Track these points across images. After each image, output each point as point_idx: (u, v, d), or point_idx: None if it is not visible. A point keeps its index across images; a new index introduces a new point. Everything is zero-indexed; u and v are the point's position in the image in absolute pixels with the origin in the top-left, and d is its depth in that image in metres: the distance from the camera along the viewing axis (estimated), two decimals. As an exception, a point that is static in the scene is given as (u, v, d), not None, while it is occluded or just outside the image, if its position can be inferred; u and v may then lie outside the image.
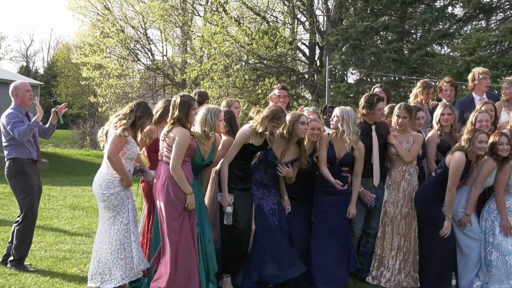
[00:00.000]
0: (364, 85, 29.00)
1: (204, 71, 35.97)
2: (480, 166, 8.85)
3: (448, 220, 8.80)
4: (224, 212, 8.19)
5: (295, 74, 37.85)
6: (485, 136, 8.72)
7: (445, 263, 8.84)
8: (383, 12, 31.04)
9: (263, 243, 8.49)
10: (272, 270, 8.40)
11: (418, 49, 28.50)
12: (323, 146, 8.87)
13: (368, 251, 9.41)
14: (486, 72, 11.11)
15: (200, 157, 8.18)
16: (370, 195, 9.10)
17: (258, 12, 38.39)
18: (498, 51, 27.92)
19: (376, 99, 9.16)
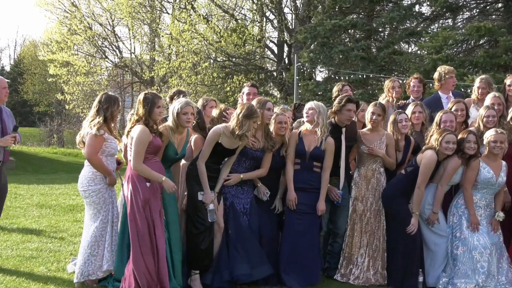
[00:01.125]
0: (332, 83, 28.97)
1: (173, 69, 35.91)
2: (445, 164, 8.93)
3: (415, 217, 8.86)
4: (207, 209, 8.17)
5: (263, 72, 37.87)
6: (453, 137, 8.80)
7: (412, 260, 8.88)
8: (351, 10, 31.14)
9: (235, 241, 8.49)
10: (244, 270, 8.40)
11: (385, 47, 28.64)
12: (292, 143, 8.88)
13: (336, 250, 9.43)
14: (452, 71, 11.18)
15: (173, 150, 8.18)
16: (336, 191, 9.12)
17: (226, 10, 38.37)
18: (464, 50, 28.17)
19: (345, 100, 9.19)
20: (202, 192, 8.22)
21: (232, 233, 8.52)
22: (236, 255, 8.43)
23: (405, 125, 9.30)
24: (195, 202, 8.25)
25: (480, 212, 8.97)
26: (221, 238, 8.52)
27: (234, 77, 35.02)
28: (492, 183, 8.89)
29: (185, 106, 8.09)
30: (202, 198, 8.21)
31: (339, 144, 9.11)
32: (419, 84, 11.18)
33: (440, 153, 8.80)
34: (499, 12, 29.22)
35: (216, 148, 8.25)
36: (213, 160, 8.34)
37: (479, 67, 24.68)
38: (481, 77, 10.93)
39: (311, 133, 8.85)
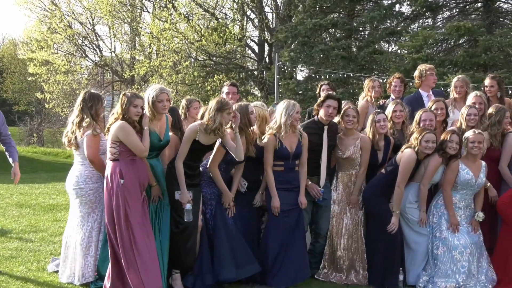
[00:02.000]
0: (313, 82, 29.09)
1: (153, 68, 35.82)
2: (426, 163, 8.97)
3: (395, 216, 8.90)
4: (184, 209, 8.15)
5: (244, 71, 37.85)
6: (432, 136, 8.83)
7: (392, 259, 8.91)
8: (332, 10, 31.18)
9: (223, 242, 8.49)
10: (228, 274, 8.43)
11: (366, 47, 28.72)
12: (270, 148, 8.83)
13: (317, 250, 9.44)
14: (432, 68, 11.23)
15: (155, 137, 8.14)
16: (318, 189, 9.11)
17: (207, 9, 38.29)
18: (444, 49, 28.32)
19: (325, 96, 9.23)
20: (179, 192, 8.19)
21: (221, 233, 8.52)
22: (224, 256, 8.43)
23: (383, 125, 9.30)
24: (175, 202, 8.25)
25: (460, 213, 9.02)
26: (201, 239, 8.50)
27: (215, 76, 34.95)
28: (472, 184, 8.93)
29: (160, 93, 8.08)
30: (179, 197, 8.19)
31: (320, 141, 9.14)
32: (400, 84, 11.21)
33: (419, 152, 8.84)
34: (478, 12, 29.38)
35: (194, 146, 8.20)
36: (192, 158, 8.30)
37: (458, 66, 24.83)
38: (458, 77, 11.01)
39: (288, 134, 8.85)
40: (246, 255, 8.56)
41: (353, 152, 9.23)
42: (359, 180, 9.31)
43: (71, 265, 8.28)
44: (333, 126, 9.32)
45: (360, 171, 9.30)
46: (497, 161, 9.46)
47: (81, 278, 8.17)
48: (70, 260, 8.30)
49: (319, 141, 9.12)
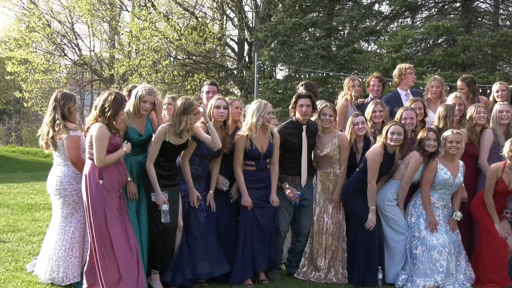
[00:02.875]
0: (292, 81, 29.12)
1: (133, 67, 35.66)
2: (407, 161, 9.01)
3: (372, 212, 8.94)
4: (161, 210, 8.13)
5: (224, 70, 37.76)
6: (399, 128, 8.90)
7: (371, 257, 8.94)
8: (311, 9, 31.23)
9: (196, 238, 8.50)
10: (205, 268, 8.46)
11: (345, 46, 28.79)
12: (240, 147, 8.88)
13: (298, 250, 9.49)
14: (412, 67, 11.32)
15: (135, 133, 8.17)
16: (295, 192, 9.16)
17: (187, 8, 38.18)
18: (423, 48, 28.47)
19: (296, 96, 9.31)
20: (154, 193, 8.18)
21: (194, 230, 8.53)
22: (198, 252, 8.44)
23: (361, 128, 9.33)
24: (151, 203, 8.24)
25: (438, 212, 9.07)
26: (181, 236, 8.50)
27: (194, 75, 34.84)
28: (450, 184, 8.99)
29: (146, 94, 8.11)
30: (155, 199, 8.18)
31: (299, 141, 9.15)
32: (379, 83, 11.26)
33: (388, 146, 8.89)
34: (457, 12, 29.55)
35: (166, 147, 8.19)
36: (166, 159, 8.30)
37: (437, 65, 24.97)
38: (434, 77, 11.11)
39: (259, 134, 8.86)
40: (217, 254, 8.61)
41: (330, 150, 9.26)
42: (341, 179, 9.33)
43: (53, 266, 8.21)
44: (312, 126, 9.35)
45: (341, 169, 9.33)
46: (475, 157, 9.54)
47: (65, 279, 8.13)
48: (53, 260, 8.23)
49: (299, 141, 9.16)
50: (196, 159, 8.64)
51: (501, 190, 9.03)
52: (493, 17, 29.37)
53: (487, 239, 9.13)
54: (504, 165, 8.98)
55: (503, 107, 9.65)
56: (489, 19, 29.34)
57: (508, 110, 9.64)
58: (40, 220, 12.87)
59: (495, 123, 9.67)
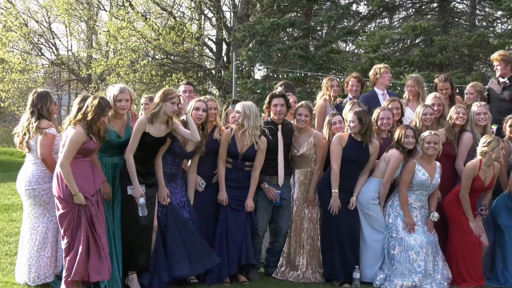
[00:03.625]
0: (270, 81, 29.16)
1: (110, 67, 35.50)
2: (387, 159, 9.05)
3: (334, 196, 8.97)
4: (138, 204, 8.07)
5: (202, 70, 37.74)
6: (352, 116, 9.01)
7: (347, 255, 9.00)
8: (289, 9, 31.29)
9: (175, 238, 8.46)
10: (183, 270, 8.43)
11: (323, 46, 28.84)
12: (224, 143, 8.91)
13: (276, 250, 9.49)
14: (387, 67, 11.33)
15: (114, 135, 8.13)
16: (274, 191, 9.17)
17: (164, 8, 38.12)
18: (401, 49, 28.61)
19: (269, 96, 9.32)
20: (131, 186, 8.12)
21: (173, 230, 8.49)
22: (176, 253, 8.41)
23: (338, 127, 9.38)
24: (128, 200, 8.20)
25: (415, 213, 9.11)
26: (156, 237, 8.46)
27: (172, 75, 34.75)
28: (427, 185, 9.03)
29: (119, 93, 8.10)
30: (132, 192, 8.12)
31: (275, 141, 9.17)
32: (357, 83, 11.30)
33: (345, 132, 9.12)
34: (434, 12, 29.71)
35: (146, 139, 8.14)
36: (144, 154, 8.25)
37: (415, 65, 25.10)
38: (411, 76, 11.13)
39: (243, 134, 8.88)
40: (202, 250, 8.57)
41: (307, 149, 9.29)
42: (315, 177, 9.36)
43: (26, 267, 8.18)
44: (287, 125, 9.38)
45: (316, 168, 9.36)
46: (453, 157, 9.59)
47: (36, 280, 8.08)
48: (25, 260, 8.20)
49: (275, 141, 9.15)
50: (169, 157, 8.60)
51: (478, 187, 9.10)
52: (469, 17, 29.54)
53: (461, 238, 9.19)
54: (480, 163, 9.05)
55: (480, 109, 9.67)
56: (466, 20, 29.51)
57: (485, 112, 9.67)
58: (17, 221, 12.78)
59: (473, 125, 9.72)
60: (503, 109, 10.25)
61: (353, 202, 9.08)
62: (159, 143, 8.32)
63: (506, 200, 9.34)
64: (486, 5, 29.78)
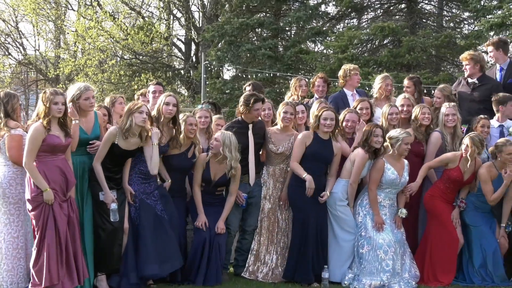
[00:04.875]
0: (239, 81, 29.12)
1: (78, 67, 35.28)
2: (352, 159, 9.10)
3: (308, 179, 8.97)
4: (110, 209, 8.11)
5: (171, 70, 37.61)
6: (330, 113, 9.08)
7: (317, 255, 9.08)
8: (258, 9, 31.26)
9: (146, 238, 8.46)
10: (152, 270, 8.43)
11: (292, 46, 28.84)
12: (199, 168, 8.96)
13: (244, 248, 9.52)
14: (356, 68, 11.41)
15: (81, 131, 8.10)
16: (241, 194, 9.22)
17: (133, 7, 37.94)
18: (369, 49, 28.67)
19: (254, 100, 9.27)
20: (102, 193, 8.15)
21: (145, 229, 8.48)
22: (145, 253, 8.40)
23: (301, 117, 9.64)
24: (99, 203, 8.18)
25: (385, 211, 9.19)
26: (127, 239, 8.45)
27: (141, 75, 34.62)
28: (396, 184, 9.12)
29: (85, 91, 8.09)
30: (103, 198, 8.14)
31: (246, 140, 9.18)
32: (323, 84, 11.39)
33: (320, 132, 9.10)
34: (402, 13, 29.84)
35: (114, 150, 8.17)
36: (113, 162, 8.28)
37: (383, 66, 25.17)
38: (386, 75, 11.20)
39: (219, 161, 8.90)
40: (172, 250, 8.57)
41: (286, 149, 9.36)
42: (289, 176, 9.38)
43: None
44: (258, 124, 9.41)
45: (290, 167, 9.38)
46: (421, 156, 9.66)
47: (9, 286, 7.96)
48: None
49: (245, 140, 9.17)
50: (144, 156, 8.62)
51: (457, 178, 9.25)
52: (437, 18, 29.72)
53: (440, 232, 9.31)
54: (461, 157, 9.15)
55: (449, 111, 9.76)
56: (434, 21, 29.68)
57: (454, 114, 9.76)
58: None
59: (442, 126, 9.80)
60: (472, 109, 10.37)
61: (324, 195, 9.12)
62: (127, 155, 8.36)
63: (474, 200, 9.44)
64: (453, 6, 29.96)
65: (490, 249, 9.30)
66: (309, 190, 8.97)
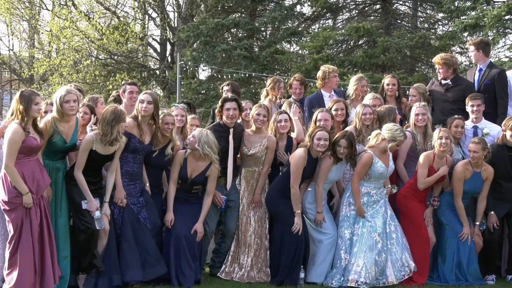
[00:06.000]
0: (215, 81, 29.11)
1: (53, 67, 35.09)
2: (320, 163, 9.14)
3: (298, 216, 9.01)
4: (94, 218, 8.10)
5: (146, 70, 37.50)
6: (325, 134, 8.99)
7: (297, 258, 9.01)
8: (234, 10, 31.28)
9: (130, 241, 8.45)
10: (135, 276, 8.42)
11: (268, 47, 28.88)
12: (176, 164, 8.93)
13: (222, 251, 9.53)
14: (335, 70, 11.42)
15: (61, 140, 8.04)
16: (220, 196, 9.21)
17: (108, 7, 37.77)
18: (344, 50, 28.83)
19: (222, 100, 9.34)
20: (85, 201, 8.13)
21: (128, 234, 8.46)
22: (129, 258, 8.39)
23: (284, 126, 9.44)
24: (79, 209, 8.16)
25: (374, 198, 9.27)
26: (110, 240, 8.41)
27: (116, 75, 34.51)
28: (385, 175, 9.27)
29: (66, 94, 8.00)
30: (87, 206, 8.12)
31: (226, 144, 9.19)
32: (300, 86, 11.43)
33: (313, 150, 8.99)
34: (377, 14, 30.04)
35: (92, 156, 8.15)
36: (91, 168, 8.27)
37: (358, 66, 25.36)
38: (361, 76, 11.25)
39: (196, 158, 8.89)
40: (154, 256, 8.57)
41: (258, 151, 9.34)
42: (262, 179, 9.42)
43: None
44: (238, 129, 9.41)
45: (264, 170, 9.41)
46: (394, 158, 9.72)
47: None
48: None
49: (226, 144, 9.18)
50: (129, 155, 8.63)
51: None
52: (411, 19, 29.96)
53: (412, 232, 9.37)
54: (434, 155, 9.23)
55: (419, 110, 9.85)
56: (408, 21, 29.92)
57: (424, 113, 9.84)
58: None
59: (412, 125, 9.88)
60: (446, 110, 10.46)
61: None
62: (106, 160, 8.35)
63: (449, 198, 9.52)
64: (427, 7, 30.21)
65: (465, 248, 9.39)
66: (297, 226, 9.01)
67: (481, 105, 10.18)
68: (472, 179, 9.36)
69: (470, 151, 9.33)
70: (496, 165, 9.51)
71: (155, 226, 8.84)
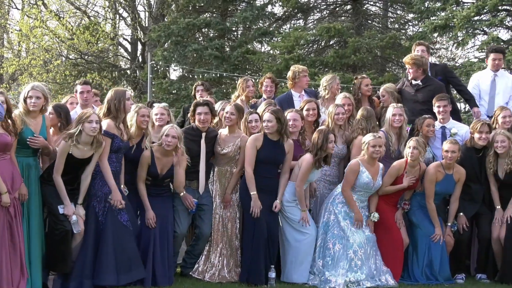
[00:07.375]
0: (186, 81, 29.07)
1: (23, 66, 34.83)
2: (300, 163, 9.14)
3: (254, 198, 9.03)
4: (71, 222, 8.09)
5: (117, 70, 37.32)
6: (269, 116, 9.07)
7: (265, 256, 9.04)
8: (205, 9, 31.24)
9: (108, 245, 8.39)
10: (109, 281, 8.36)
11: (239, 47, 28.88)
12: (144, 164, 8.92)
13: (195, 252, 9.52)
14: (305, 70, 11.45)
15: (30, 133, 8.02)
16: (191, 200, 9.18)
17: (78, 7, 37.57)
18: (315, 50, 28.92)
19: (193, 105, 9.41)
20: (62, 206, 8.11)
21: (108, 237, 8.41)
22: (104, 261, 8.33)
23: (254, 126, 9.45)
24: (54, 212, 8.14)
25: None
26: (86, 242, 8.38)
27: (87, 75, 34.32)
28: (370, 187, 9.25)
29: (30, 90, 8.01)
30: (64, 211, 8.10)
31: (198, 148, 9.21)
32: (271, 84, 11.42)
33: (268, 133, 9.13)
34: (348, 14, 30.17)
35: (68, 160, 8.12)
36: (69, 171, 8.23)
37: (329, 67, 25.45)
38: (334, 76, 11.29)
39: (163, 155, 8.88)
40: (132, 260, 8.54)
41: (231, 150, 9.35)
42: (234, 179, 9.43)
43: None
44: (211, 133, 9.42)
45: (236, 170, 9.41)
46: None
47: None
48: None
49: (197, 148, 9.20)
50: (113, 155, 8.59)
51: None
52: (382, 19, 30.11)
53: (384, 235, 9.43)
54: (406, 163, 9.28)
55: (396, 111, 9.89)
56: (379, 22, 30.08)
57: (401, 114, 9.90)
58: None
59: (388, 126, 9.93)
60: (416, 110, 10.54)
61: (276, 205, 9.16)
62: (83, 163, 8.30)
63: (419, 199, 9.59)
64: (398, 7, 30.39)
65: (436, 248, 9.47)
66: (254, 209, 9.02)
67: (448, 105, 10.30)
68: (444, 181, 9.44)
69: (448, 151, 9.39)
70: (465, 167, 9.60)
71: (135, 226, 8.80)
